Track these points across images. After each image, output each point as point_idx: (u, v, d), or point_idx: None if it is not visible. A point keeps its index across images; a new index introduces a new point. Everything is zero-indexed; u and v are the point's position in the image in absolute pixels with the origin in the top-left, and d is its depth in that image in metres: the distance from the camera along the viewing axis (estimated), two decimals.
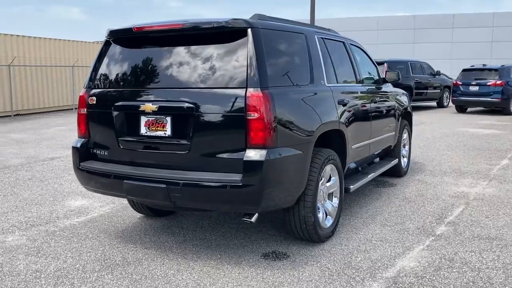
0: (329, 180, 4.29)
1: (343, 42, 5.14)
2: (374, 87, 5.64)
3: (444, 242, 4.17)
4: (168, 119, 3.65)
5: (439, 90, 18.77)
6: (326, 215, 4.26)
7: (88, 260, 3.89)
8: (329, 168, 4.19)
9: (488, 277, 3.47)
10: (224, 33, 3.56)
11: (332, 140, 4.44)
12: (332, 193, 4.37)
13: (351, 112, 4.67)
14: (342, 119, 4.43)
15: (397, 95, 6.41)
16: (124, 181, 3.73)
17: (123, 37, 4.00)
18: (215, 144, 3.51)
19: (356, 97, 4.93)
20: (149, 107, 3.66)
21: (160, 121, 3.68)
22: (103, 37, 4.13)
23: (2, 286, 3.43)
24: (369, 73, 5.82)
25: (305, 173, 3.77)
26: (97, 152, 4.06)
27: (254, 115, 3.34)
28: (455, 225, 4.65)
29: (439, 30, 34.02)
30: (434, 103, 19.53)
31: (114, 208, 5.35)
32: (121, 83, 3.92)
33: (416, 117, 15.41)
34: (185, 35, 3.70)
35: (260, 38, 3.51)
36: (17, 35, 16.68)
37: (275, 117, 3.42)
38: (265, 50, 3.51)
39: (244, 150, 3.39)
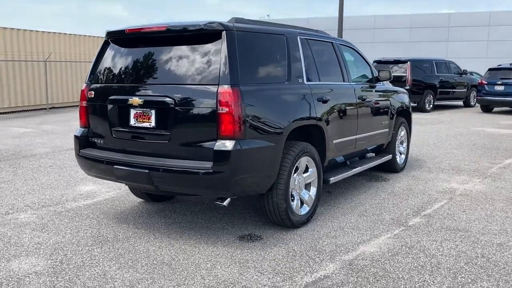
0: (306, 171, 4.63)
1: (331, 43, 5.45)
2: (364, 85, 5.91)
3: (411, 232, 4.44)
4: (153, 112, 4.08)
5: (465, 90, 18.59)
6: (302, 203, 4.60)
7: (83, 236, 4.38)
8: (305, 160, 4.53)
9: (438, 262, 3.74)
10: (202, 35, 3.96)
11: (313, 134, 4.78)
12: (310, 183, 4.70)
13: (333, 109, 4.98)
14: (321, 115, 4.75)
15: (393, 93, 6.64)
16: (114, 166, 4.19)
17: (118, 38, 4.46)
18: (191, 135, 3.92)
19: (340, 95, 5.23)
20: (136, 101, 4.11)
21: (146, 113, 4.12)
22: None
23: (6, 253, 3.95)
24: (360, 72, 6.10)
25: (277, 163, 4.13)
26: (95, 140, 4.54)
27: (224, 110, 3.73)
28: (430, 217, 4.90)
29: (475, 28, 33.27)
30: (461, 103, 19.35)
31: (119, 193, 5.84)
32: (115, 79, 4.38)
33: (437, 116, 15.42)
34: (168, 36, 4.13)
35: (233, 40, 3.88)
36: (54, 32, 17.62)
37: (244, 112, 3.80)
38: (238, 50, 3.89)
39: (216, 140, 3.78)
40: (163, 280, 3.46)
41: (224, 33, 3.88)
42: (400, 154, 7.09)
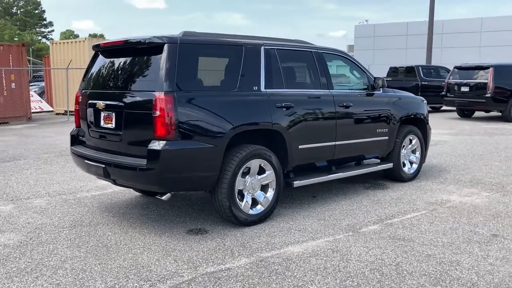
0: (262, 173, 4.91)
1: (310, 52, 5.63)
2: (353, 93, 5.99)
3: (353, 238, 4.52)
4: (113, 114, 4.70)
5: None
6: (256, 203, 4.90)
7: (66, 220, 5.13)
8: (257, 162, 4.82)
9: (344, 267, 3.83)
10: (151, 48, 4.49)
11: (275, 139, 5.05)
12: (268, 185, 4.98)
13: (297, 115, 5.19)
14: (280, 121, 5.00)
15: (395, 101, 6.56)
16: (85, 161, 4.89)
17: (99, 50, 5.16)
18: (136, 135, 4.48)
19: (311, 102, 5.41)
20: (101, 105, 4.77)
21: (109, 116, 4.75)
22: None
23: None
24: (353, 80, 6.17)
25: (216, 164, 4.50)
26: (82, 138, 5.29)
27: (157, 113, 4.21)
28: (388, 226, 4.88)
29: None
30: None
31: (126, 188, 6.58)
32: (93, 86, 5.08)
33: (506, 126, 14.19)
34: (128, 48, 4.73)
35: (174, 51, 4.35)
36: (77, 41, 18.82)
37: (177, 116, 4.24)
38: (178, 60, 4.35)
39: (151, 141, 4.28)
40: (92, 259, 4.03)
41: (166, 45, 4.36)
42: (411, 163, 6.94)
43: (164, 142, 4.22)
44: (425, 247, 4.26)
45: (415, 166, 6.99)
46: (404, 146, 6.78)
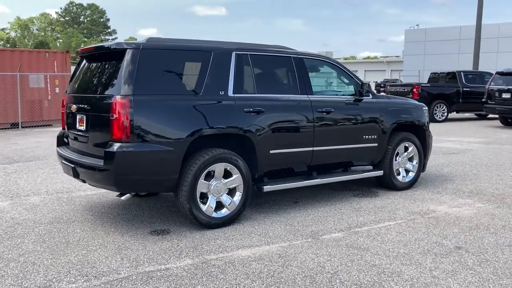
0: (229, 177, 4.97)
1: (290, 57, 5.62)
2: (336, 98, 5.93)
3: (308, 244, 4.47)
4: (84, 117, 4.93)
5: None
6: (222, 206, 4.95)
7: (48, 216, 5.41)
8: (221, 166, 4.88)
9: (279, 272, 3.82)
10: (116, 53, 4.67)
11: (244, 143, 5.10)
12: (235, 188, 5.03)
13: (269, 120, 5.20)
14: (249, 126, 5.03)
15: (387, 107, 6.40)
16: (61, 161, 5.15)
17: (80, 56, 5.43)
18: (98, 137, 4.68)
19: (285, 107, 5.40)
20: (74, 108, 5.01)
21: (82, 119, 4.99)
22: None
23: None
24: (339, 86, 6.09)
25: (175, 167, 4.60)
26: (66, 140, 5.57)
27: (114, 116, 4.38)
28: (353, 234, 4.79)
29: None
30: None
31: None
32: (73, 89, 5.35)
33: None
34: (97, 54, 4.95)
35: (134, 57, 4.51)
36: None
37: (133, 119, 4.39)
38: (138, 66, 4.50)
39: (108, 143, 4.46)
40: (48, 253, 4.25)
41: (127, 51, 4.54)
42: (407, 171, 6.73)
43: (120, 144, 4.38)
44: (376, 257, 4.15)
45: (411, 174, 6.77)
46: (398, 153, 6.58)
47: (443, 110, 17.79)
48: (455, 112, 18.72)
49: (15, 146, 11.27)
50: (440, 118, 17.72)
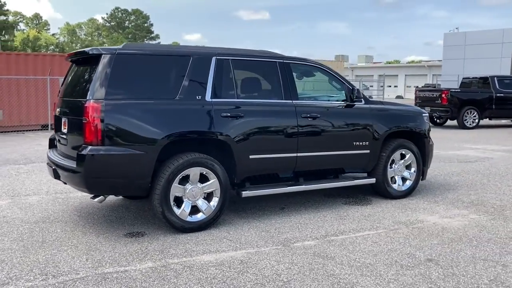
0: (206, 181, 4.98)
1: (275, 62, 5.59)
2: (320, 103, 5.89)
3: (275, 251, 4.42)
4: (66, 120, 5.08)
5: None
6: (198, 211, 4.97)
7: (37, 216, 5.60)
8: (197, 171, 4.91)
9: (234, 278, 3.80)
10: (93, 58, 4.79)
11: (222, 148, 5.11)
12: (212, 193, 5.04)
13: (248, 125, 5.18)
14: (226, 130, 5.03)
15: (381, 113, 6.25)
16: (46, 163, 5.32)
17: (69, 60, 5.59)
18: (75, 140, 4.80)
19: (269, 111, 5.37)
20: (58, 111, 5.18)
21: (65, 122, 5.14)
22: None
23: None
24: (329, 91, 6.01)
25: (148, 170, 4.66)
26: (55, 143, 5.75)
27: (86, 120, 4.50)
28: (326, 242, 4.69)
29: None
30: None
31: None
32: (61, 93, 5.52)
33: None
34: (79, 59, 5.09)
35: (109, 62, 4.61)
36: None
37: (104, 123, 4.48)
38: (112, 70, 4.60)
39: (82, 145, 4.57)
40: (20, 252, 4.40)
41: (102, 56, 4.65)
42: (404, 180, 6.54)
43: (90, 147, 4.48)
44: (337, 267, 4.05)
45: (408, 183, 6.57)
46: (393, 161, 6.41)
47: (474, 116, 17.16)
48: (488, 119, 18.03)
49: (38, 147, 11.71)
50: (470, 124, 17.10)
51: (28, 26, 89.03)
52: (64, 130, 5.15)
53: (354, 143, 6.00)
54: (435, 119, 18.00)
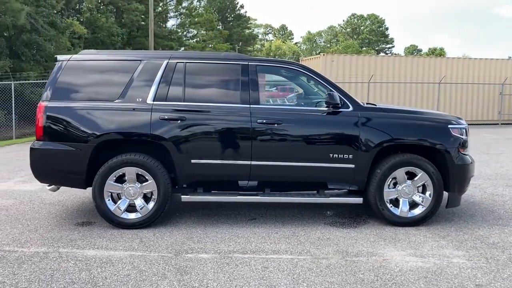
0: (144, 182, 5.16)
1: (239, 65, 5.30)
2: (288, 108, 5.49)
3: (156, 258, 4.33)
4: None
5: None
6: (134, 210, 5.18)
7: (25, 202, 6.38)
8: (132, 170, 5.11)
9: (56, 269, 3.93)
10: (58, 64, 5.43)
11: (163, 150, 5.19)
12: (151, 194, 5.18)
13: (193, 128, 5.12)
14: (164, 133, 5.06)
15: (373, 121, 5.22)
16: None
17: None
18: None
19: (217, 116, 5.19)
20: None
21: None
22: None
23: None
24: (308, 96, 5.45)
25: (81, 165, 5.08)
26: None
27: (36, 119, 5.20)
28: (226, 258, 4.34)
29: None
30: None
31: None
32: None
33: None
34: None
35: (59, 68, 5.22)
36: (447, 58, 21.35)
37: (45, 121, 5.10)
38: (61, 76, 5.19)
39: None
40: None
41: (57, 63, 5.29)
42: (414, 205, 5.33)
43: (35, 142, 5.17)
44: (167, 282, 3.76)
45: (420, 208, 5.31)
46: (396, 180, 5.29)
47: None
48: None
49: None
50: None
51: (275, 37, 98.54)
52: None
53: (331, 155, 5.20)
54: None
